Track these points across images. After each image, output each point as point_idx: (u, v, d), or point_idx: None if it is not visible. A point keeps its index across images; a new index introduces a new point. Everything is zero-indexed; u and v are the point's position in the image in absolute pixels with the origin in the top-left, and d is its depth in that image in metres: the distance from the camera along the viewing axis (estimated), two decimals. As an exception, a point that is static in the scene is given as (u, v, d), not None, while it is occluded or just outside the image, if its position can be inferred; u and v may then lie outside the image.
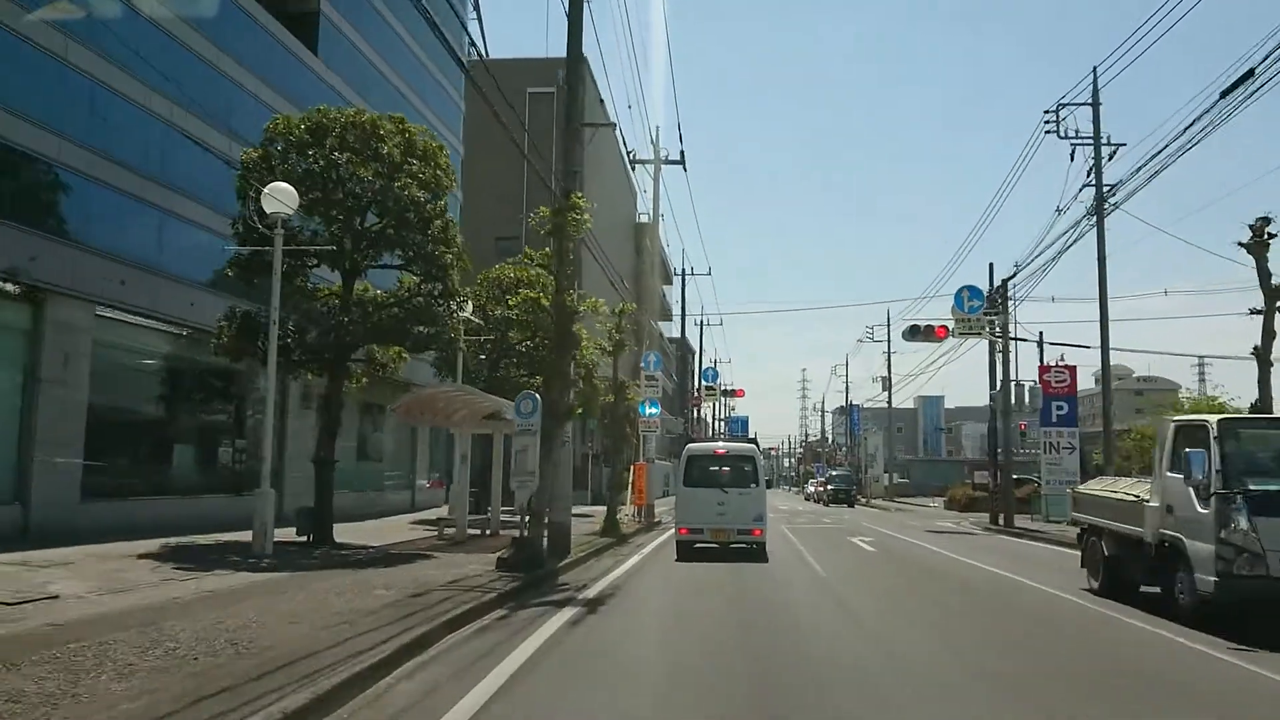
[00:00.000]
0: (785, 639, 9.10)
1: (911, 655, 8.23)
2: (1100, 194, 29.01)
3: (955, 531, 28.85)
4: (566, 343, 14.65)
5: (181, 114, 19.39)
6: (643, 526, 26.31)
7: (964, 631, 9.87)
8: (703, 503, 18.21)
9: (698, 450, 20.17)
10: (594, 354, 26.36)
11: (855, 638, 9.33)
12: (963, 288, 29.90)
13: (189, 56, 19.86)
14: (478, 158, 43.33)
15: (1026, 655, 8.59)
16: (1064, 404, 34.93)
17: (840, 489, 54.19)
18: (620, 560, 17.00)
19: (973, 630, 9.98)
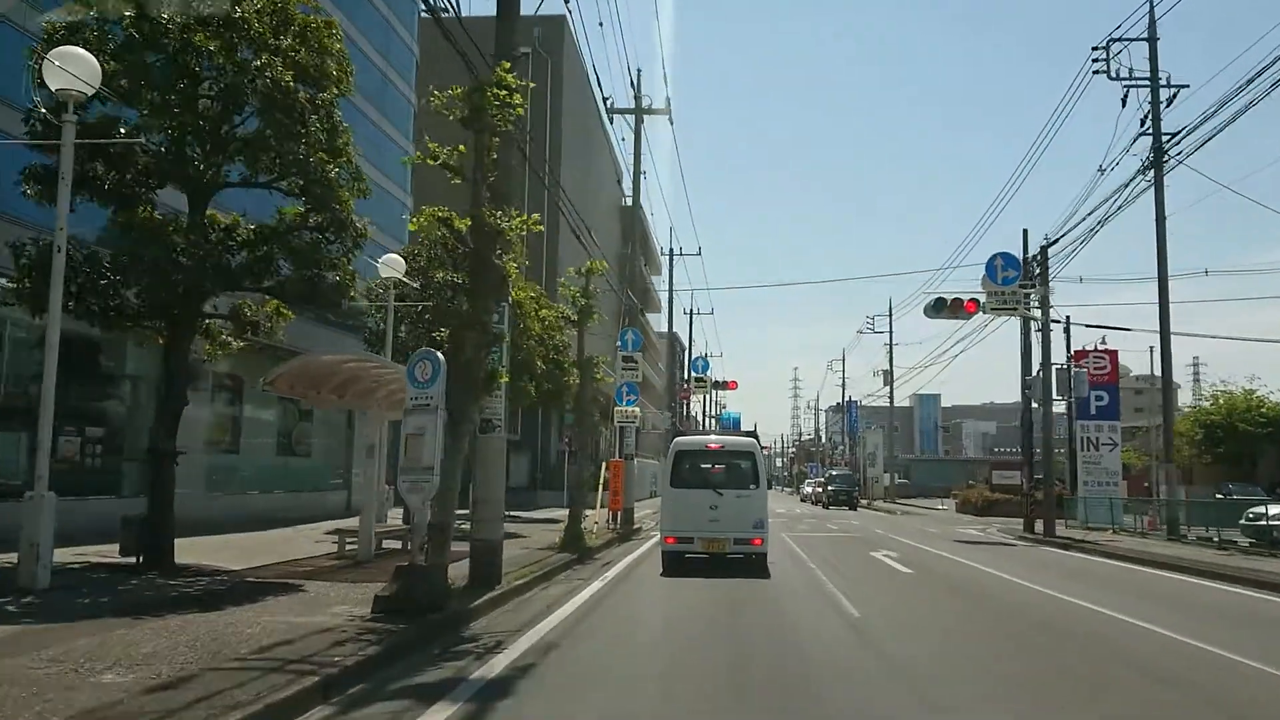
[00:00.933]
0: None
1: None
2: (1159, 143, 24.69)
3: (988, 541, 24.40)
4: (486, 278, 10.15)
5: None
6: (617, 536, 21.79)
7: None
8: (693, 506, 14.79)
9: (687, 444, 15.83)
10: (555, 321, 21.96)
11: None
12: (995, 256, 25.43)
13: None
14: (441, 121, 38.88)
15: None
16: (1104, 394, 30.70)
17: (841, 490, 49.79)
18: (574, 589, 12.49)
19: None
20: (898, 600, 11.99)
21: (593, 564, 16.02)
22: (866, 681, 7.14)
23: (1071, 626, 9.94)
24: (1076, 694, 6.84)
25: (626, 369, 24.68)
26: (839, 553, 19.12)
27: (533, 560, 14.86)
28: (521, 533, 21.27)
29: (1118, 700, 6.69)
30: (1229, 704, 6.58)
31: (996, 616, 10.86)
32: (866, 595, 12.04)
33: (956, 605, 11.70)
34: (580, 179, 45.72)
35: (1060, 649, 8.61)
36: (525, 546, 17.44)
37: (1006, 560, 18.05)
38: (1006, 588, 13.40)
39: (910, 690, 6.95)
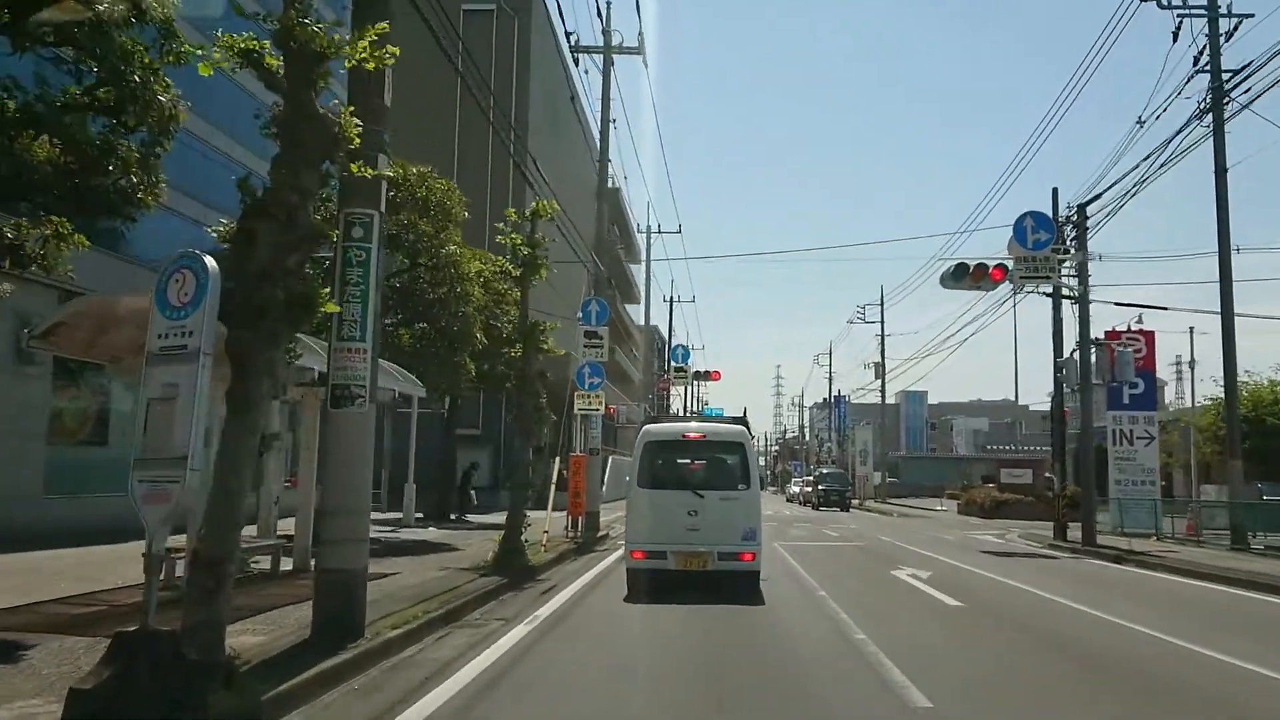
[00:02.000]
0: None
1: None
2: (1219, 82, 20.90)
3: (1020, 552, 20.54)
4: (300, 132, 5.95)
5: None
6: (575, 547, 17.79)
7: None
8: (666, 512, 11.32)
9: (660, 434, 11.99)
10: (493, 277, 17.99)
11: None
12: (1025, 215, 21.50)
13: None
14: (402, 83, 34.84)
15: None
16: (1139, 380, 26.82)
17: (833, 490, 45.93)
18: (483, 639, 8.49)
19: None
20: (970, 663, 7.98)
21: (529, 590, 12.00)
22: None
23: (1187, 683, 6.02)
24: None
25: (590, 346, 20.68)
26: (850, 570, 15.18)
27: (443, 589, 10.83)
28: (457, 544, 17.27)
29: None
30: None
31: (1152, 703, 6.89)
32: (919, 653, 8.05)
33: (1067, 673, 7.66)
34: (550, 156, 41.63)
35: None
36: (446, 565, 13.42)
37: (1066, 582, 14.16)
38: (1116, 637, 9.43)
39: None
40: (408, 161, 17.96)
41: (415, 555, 14.96)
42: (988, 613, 10.59)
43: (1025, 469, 38.96)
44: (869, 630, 8.87)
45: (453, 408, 25.02)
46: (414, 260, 17.60)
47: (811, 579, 13.30)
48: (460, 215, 18.23)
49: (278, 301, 5.56)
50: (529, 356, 14.59)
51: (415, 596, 10.11)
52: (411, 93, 36.62)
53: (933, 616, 10.13)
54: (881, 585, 13.01)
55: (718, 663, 7.56)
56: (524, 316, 14.81)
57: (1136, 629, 9.49)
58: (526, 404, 14.37)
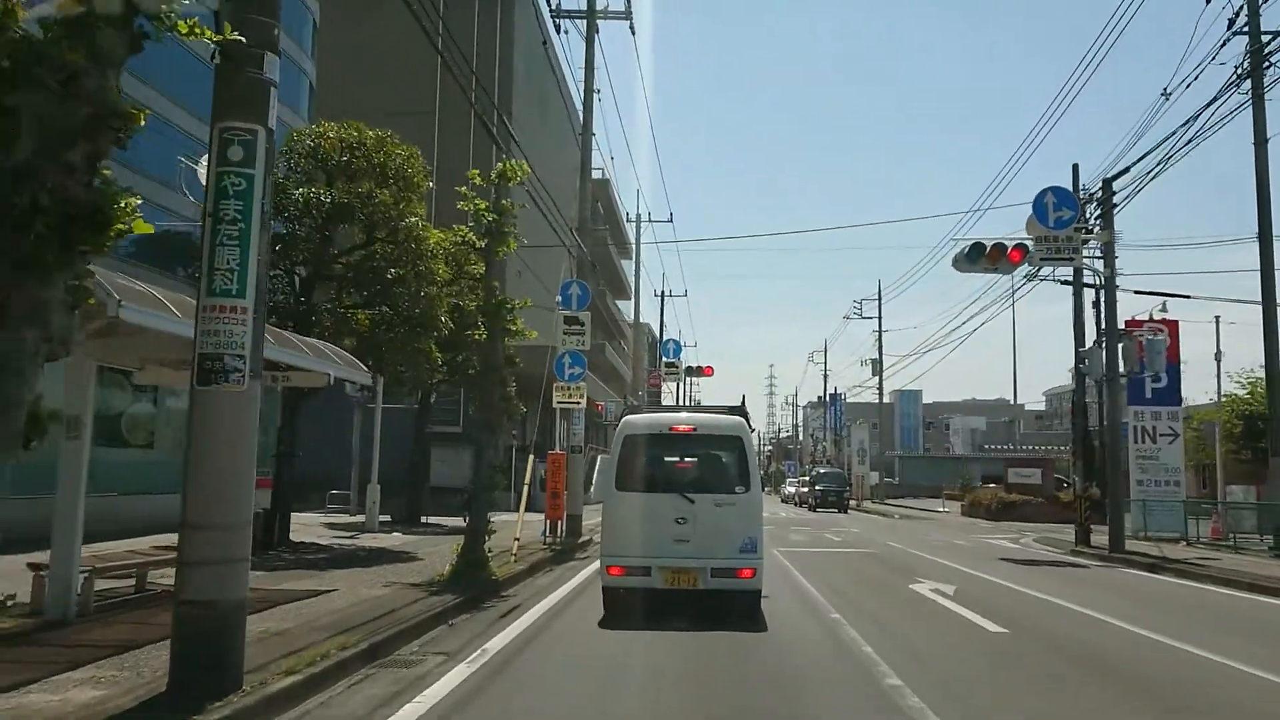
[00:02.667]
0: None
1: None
2: (1259, 44, 19.08)
3: (1046, 560, 18.71)
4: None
5: None
6: (551, 556, 15.90)
7: None
8: (650, 519, 9.44)
9: (642, 426, 10.04)
10: (456, 251, 16.14)
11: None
12: (1046, 191, 19.73)
13: None
14: (355, 25, 33.10)
15: None
16: (1163, 375, 25.02)
17: (830, 490, 44.08)
18: (411, 686, 6.59)
19: None
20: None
21: (488, 611, 10.10)
22: None
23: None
24: None
25: (570, 333, 18.80)
26: (863, 584, 13.31)
27: (378, 612, 8.93)
28: (419, 552, 15.38)
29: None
30: None
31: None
32: (975, 707, 6.17)
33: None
34: (537, 144, 39.70)
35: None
36: (395, 580, 11.51)
37: (1112, 597, 12.33)
38: (1204, 671, 7.58)
39: None
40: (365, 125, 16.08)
41: (364, 566, 13.06)
42: (1040, 642, 8.71)
43: (1034, 468, 37.18)
44: (905, 672, 6.98)
45: (425, 403, 23.10)
46: (370, 234, 15.68)
47: (821, 596, 11.42)
48: (423, 185, 16.32)
49: (46, 212, 3.64)
50: (494, 339, 12.68)
51: (339, 624, 8.21)
52: (391, 74, 34.86)
53: (977, 649, 8.24)
54: (904, 604, 11.12)
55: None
56: (489, 293, 12.89)
57: (1234, 666, 7.63)
58: (491, 393, 12.46)
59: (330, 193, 15.17)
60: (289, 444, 15.72)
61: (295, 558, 14.08)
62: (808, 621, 9.60)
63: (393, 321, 15.94)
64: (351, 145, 15.65)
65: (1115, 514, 19.57)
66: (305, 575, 11.87)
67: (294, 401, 15.92)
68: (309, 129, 16.21)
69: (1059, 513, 33.91)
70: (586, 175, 21.73)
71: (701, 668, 7.29)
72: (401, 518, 22.56)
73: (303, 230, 15.32)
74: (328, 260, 15.74)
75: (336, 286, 16.31)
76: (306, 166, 15.66)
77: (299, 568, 12.75)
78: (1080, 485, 21.51)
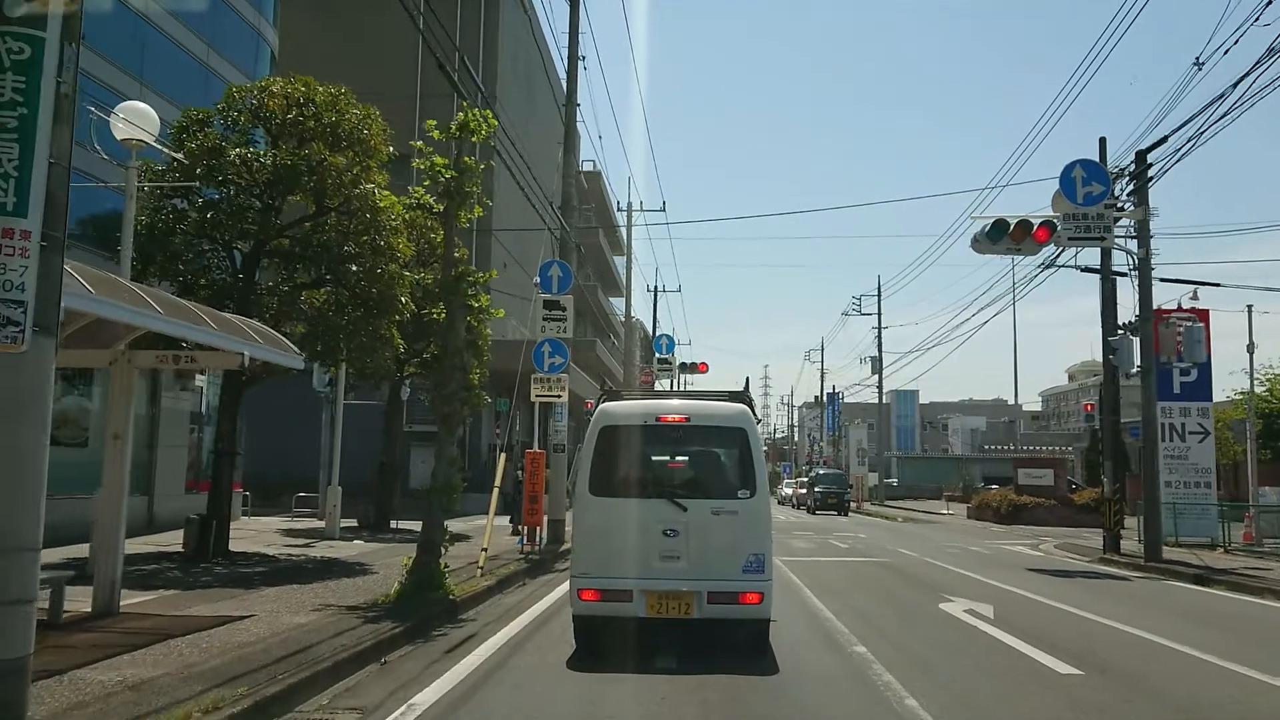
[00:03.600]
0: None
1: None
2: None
3: (1077, 571, 16.91)
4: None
5: None
6: (526, 566, 14.05)
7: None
8: (632, 531, 7.58)
9: (623, 416, 8.09)
10: (414, 219, 14.40)
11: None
12: (1074, 165, 17.91)
13: None
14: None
15: None
16: (1193, 368, 23.24)
17: (831, 492, 42.25)
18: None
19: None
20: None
21: (435, 643, 8.25)
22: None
23: None
24: None
25: (550, 319, 16.96)
26: (886, 603, 11.46)
27: (294, 648, 7.07)
28: (376, 564, 13.53)
29: None
30: None
31: None
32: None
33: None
34: (523, 135, 37.78)
35: None
36: (331, 601, 9.65)
37: (1174, 618, 10.53)
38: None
39: None
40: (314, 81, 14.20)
41: (303, 583, 11.19)
42: (1127, 688, 6.86)
43: (1045, 469, 35.38)
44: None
45: (394, 396, 21.20)
46: (321, 204, 13.80)
47: (839, 621, 9.57)
48: (383, 150, 14.43)
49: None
50: (454, 317, 10.81)
51: (229, 668, 6.35)
52: (370, 54, 32.96)
53: (1052, 701, 6.37)
54: (940, 631, 9.27)
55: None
56: (448, 264, 11.01)
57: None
58: (449, 381, 10.59)
59: (273, 154, 13.28)
60: (229, 441, 13.84)
61: (228, 572, 12.19)
62: (828, 658, 7.75)
63: (346, 303, 14.08)
64: (299, 102, 13.78)
65: (1152, 518, 17.77)
66: (228, 595, 10.01)
67: (235, 392, 14.05)
68: (253, 85, 14.31)
69: (1072, 516, 32.19)
70: (571, 148, 19.91)
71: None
72: (369, 523, 20.67)
73: (242, 198, 13.45)
74: (272, 233, 13.84)
75: (283, 263, 14.43)
76: (247, 125, 13.77)
77: (227, 584, 10.88)
78: (1110, 487, 19.69)
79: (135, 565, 12.54)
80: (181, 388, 18.81)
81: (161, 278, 13.31)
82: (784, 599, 10.60)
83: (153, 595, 9.93)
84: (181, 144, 13.38)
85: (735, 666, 7.15)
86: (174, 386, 18.72)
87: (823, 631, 8.97)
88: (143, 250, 12.89)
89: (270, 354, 9.10)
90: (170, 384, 18.64)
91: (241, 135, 13.71)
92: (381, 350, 14.73)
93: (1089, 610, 10.86)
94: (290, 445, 27.21)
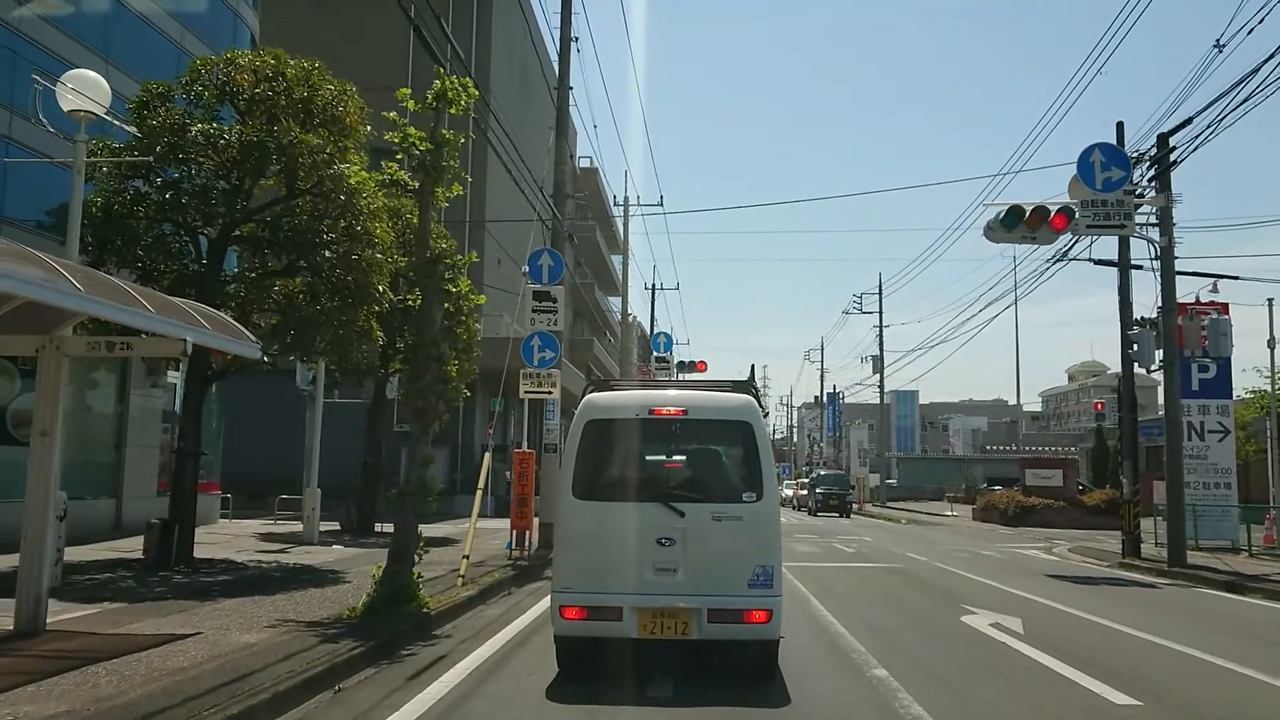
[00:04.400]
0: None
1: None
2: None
3: (1101, 578, 16.00)
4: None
5: None
6: (514, 574, 13.10)
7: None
8: (622, 540, 6.62)
9: (611, 408, 7.14)
10: (390, 203, 13.51)
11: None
12: (1093, 148, 16.91)
13: None
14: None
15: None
16: (1211, 364, 22.36)
17: (832, 493, 41.33)
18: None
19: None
20: None
21: (401, 665, 7.31)
22: None
23: None
24: None
25: (540, 310, 16.01)
26: (903, 616, 10.52)
27: (233, 674, 6.14)
28: (349, 572, 12.62)
29: None
30: None
31: None
32: None
33: None
34: (518, 128, 36.82)
35: None
36: (288, 617, 8.70)
37: (1223, 633, 9.62)
38: None
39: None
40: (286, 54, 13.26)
41: (267, 594, 10.25)
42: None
43: (1053, 470, 34.48)
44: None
45: (379, 394, 20.23)
46: (292, 186, 12.84)
47: (854, 638, 8.62)
48: (360, 130, 13.48)
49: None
50: (429, 302, 9.86)
51: (149, 702, 5.42)
52: (360, 46, 32.01)
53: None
54: (968, 650, 8.31)
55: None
56: (422, 245, 10.06)
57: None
58: (423, 372, 9.63)
59: (239, 130, 12.33)
60: (193, 440, 12.88)
61: (188, 581, 11.24)
62: (845, 684, 6.80)
63: (321, 292, 13.13)
64: (268, 76, 12.83)
65: (1176, 521, 16.84)
66: (180, 608, 9.07)
67: (200, 387, 13.10)
68: (219, 57, 13.34)
69: (1081, 518, 31.31)
70: (563, 133, 18.95)
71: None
72: (352, 526, 19.73)
73: (205, 178, 12.50)
74: (239, 217, 12.87)
75: (252, 250, 13.49)
76: (211, 100, 12.82)
77: (182, 596, 9.93)
78: (1129, 488, 18.76)
79: (87, 574, 11.63)
80: (153, 384, 17.83)
81: (120, 264, 12.36)
82: (791, 611, 9.65)
83: (94, 609, 8.97)
84: (143, 120, 12.42)
85: (739, 695, 6.22)
86: (144, 383, 17.75)
87: (836, 650, 8.02)
88: (98, 234, 11.95)
89: (219, 341, 8.15)
90: (140, 380, 17.68)
91: (207, 111, 12.75)
92: (359, 343, 13.76)
93: (1125, 623, 9.92)
94: (280, 445, 26.26)
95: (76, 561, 12.48)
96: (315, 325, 12.87)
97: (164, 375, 17.81)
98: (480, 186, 34.73)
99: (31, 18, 15.06)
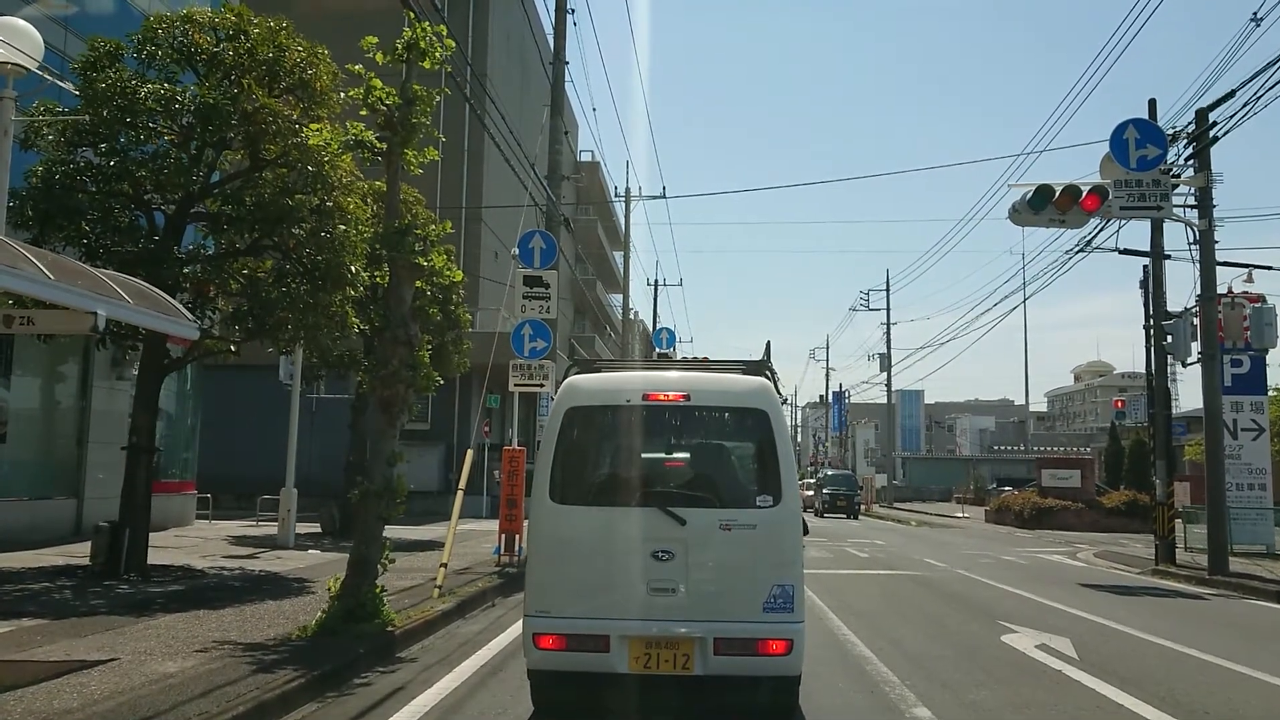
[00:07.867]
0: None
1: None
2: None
3: (1140, 587, 14.81)
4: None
5: None
6: (499, 582, 11.92)
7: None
8: (609, 554, 5.35)
9: (596, 394, 5.83)
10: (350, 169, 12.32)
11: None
12: (1126, 124, 15.66)
13: None
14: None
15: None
16: (1244, 358, 21.15)
17: (840, 494, 40.10)
18: None
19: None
20: None
21: (348, 699, 6.13)
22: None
23: None
24: None
25: (531, 296, 14.84)
26: (933, 633, 9.30)
27: (140, 716, 4.94)
28: (317, 581, 11.39)
29: None
30: None
31: None
32: None
33: None
34: (516, 123, 35.66)
35: None
36: (229, 637, 7.51)
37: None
38: None
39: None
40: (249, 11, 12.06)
41: (215, 607, 9.06)
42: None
43: (1071, 470, 33.22)
44: None
45: (363, 389, 19.01)
46: (256, 156, 11.64)
47: (882, 664, 7.42)
48: (334, 98, 12.26)
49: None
50: (397, 279, 8.66)
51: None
52: (353, 31, 30.85)
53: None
54: (1018, 680, 7.10)
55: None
56: (391, 213, 8.86)
57: None
58: (390, 357, 8.44)
59: (197, 93, 11.14)
60: (145, 435, 11.68)
61: (133, 592, 10.06)
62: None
63: (288, 274, 11.94)
64: (230, 35, 11.64)
65: (1216, 525, 15.60)
66: (108, 626, 7.88)
67: (153, 377, 11.90)
68: (175, 14, 12.12)
69: (1101, 520, 30.09)
70: (558, 110, 17.77)
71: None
72: (333, 528, 18.56)
73: (155, 145, 11.30)
74: (197, 191, 11.69)
75: (213, 227, 12.30)
76: (166, 60, 11.62)
77: (118, 610, 8.74)
78: (1163, 490, 17.54)
79: (24, 583, 10.45)
80: (118, 376, 16.64)
81: (65, 241, 11.18)
82: (807, 628, 8.46)
83: (9, 627, 7.79)
84: (90, 83, 11.23)
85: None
86: (109, 375, 16.57)
87: (867, 683, 6.81)
88: (38, 208, 10.77)
89: (143, 317, 6.99)
90: (105, 373, 16.50)
91: (162, 73, 11.55)
92: (331, 330, 12.57)
93: (1187, 643, 8.71)
94: (267, 444, 25.11)
95: (15, 569, 11.33)
96: (280, 308, 11.68)
97: (130, 367, 16.63)
98: (477, 179, 33.60)
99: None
